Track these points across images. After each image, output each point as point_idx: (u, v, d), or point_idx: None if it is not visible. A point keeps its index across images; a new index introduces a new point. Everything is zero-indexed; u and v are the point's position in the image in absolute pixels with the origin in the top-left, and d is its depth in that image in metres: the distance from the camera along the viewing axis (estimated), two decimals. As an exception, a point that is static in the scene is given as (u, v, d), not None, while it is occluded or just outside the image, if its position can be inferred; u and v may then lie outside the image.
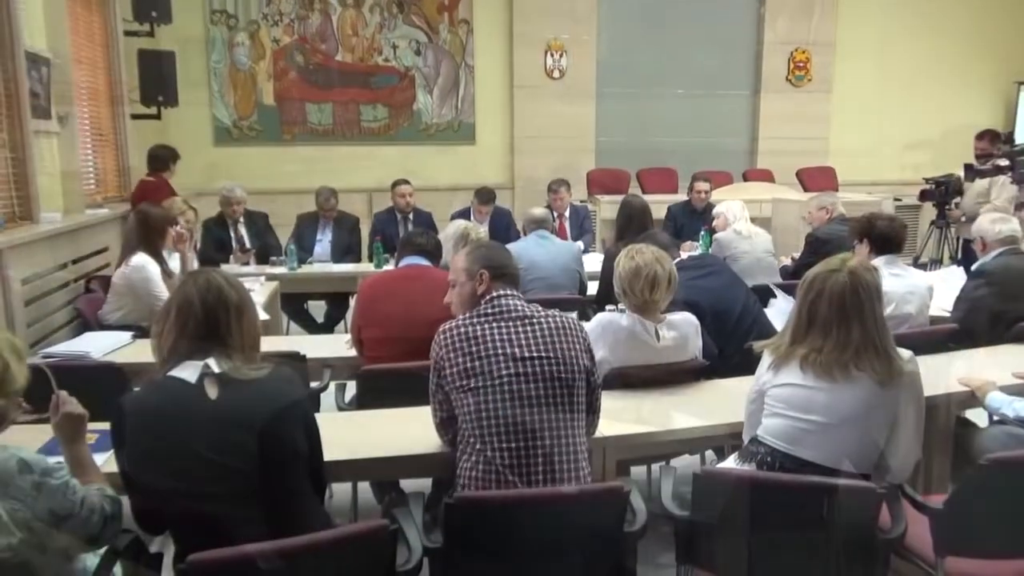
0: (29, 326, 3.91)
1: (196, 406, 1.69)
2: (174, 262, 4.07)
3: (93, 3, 5.86)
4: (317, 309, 5.80)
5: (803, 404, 2.06)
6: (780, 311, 3.45)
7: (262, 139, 7.73)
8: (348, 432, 2.36)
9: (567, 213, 6.12)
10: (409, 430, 2.30)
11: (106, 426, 2.29)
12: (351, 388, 2.97)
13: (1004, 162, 5.78)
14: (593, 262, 4.64)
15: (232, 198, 5.47)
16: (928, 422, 2.21)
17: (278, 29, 7.65)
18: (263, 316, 3.52)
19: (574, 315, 3.85)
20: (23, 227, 4.26)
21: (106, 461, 2.08)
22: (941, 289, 3.64)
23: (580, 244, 5.66)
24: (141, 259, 3.79)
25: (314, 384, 2.99)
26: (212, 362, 1.72)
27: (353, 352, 3.15)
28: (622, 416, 2.44)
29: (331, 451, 1.95)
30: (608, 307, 3.31)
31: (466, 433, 2.01)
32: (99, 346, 3.27)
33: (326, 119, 7.85)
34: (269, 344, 1.91)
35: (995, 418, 2.76)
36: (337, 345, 3.37)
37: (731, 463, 2.23)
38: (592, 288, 4.34)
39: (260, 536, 1.53)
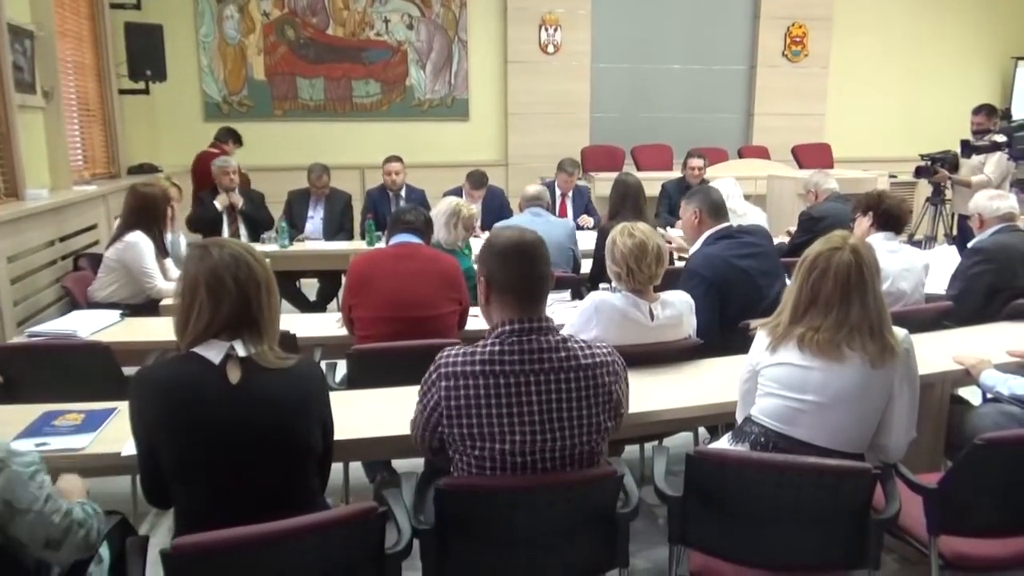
0: (16, 305, 3.87)
1: (215, 388, 1.64)
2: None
3: (78, -25, 5.75)
4: (309, 287, 5.77)
5: (797, 384, 2.04)
6: None
7: (252, 115, 7.63)
8: (339, 412, 2.30)
9: (570, 193, 6.07)
10: (400, 410, 2.26)
11: (93, 406, 2.29)
12: (342, 367, 2.94)
13: (1001, 138, 5.75)
14: (586, 240, 4.61)
15: (227, 168, 5.41)
16: (922, 400, 2.20)
17: (268, 2, 7.53)
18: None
19: (566, 294, 3.83)
20: (8, 204, 4.21)
21: (92, 442, 2.06)
22: (934, 269, 3.62)
23: (576, 221, 5.64)
24: (136, 236, 3.81)
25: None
26: (239, 345, 1.67)
27: (344, 331, 3.12)
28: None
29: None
30: (602, 285, 3.29)
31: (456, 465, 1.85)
32: (87, 325, 3.23)
33: (317, 94, 7.76)
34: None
35: (988, 396, 2.75)
36: (328, 324, 3.34)
37: (724, 443, 2.22)
38: (586, 267, 4.32)
39: (260, 522, 1.50)
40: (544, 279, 1.83)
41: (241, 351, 1.67)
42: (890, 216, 3.38)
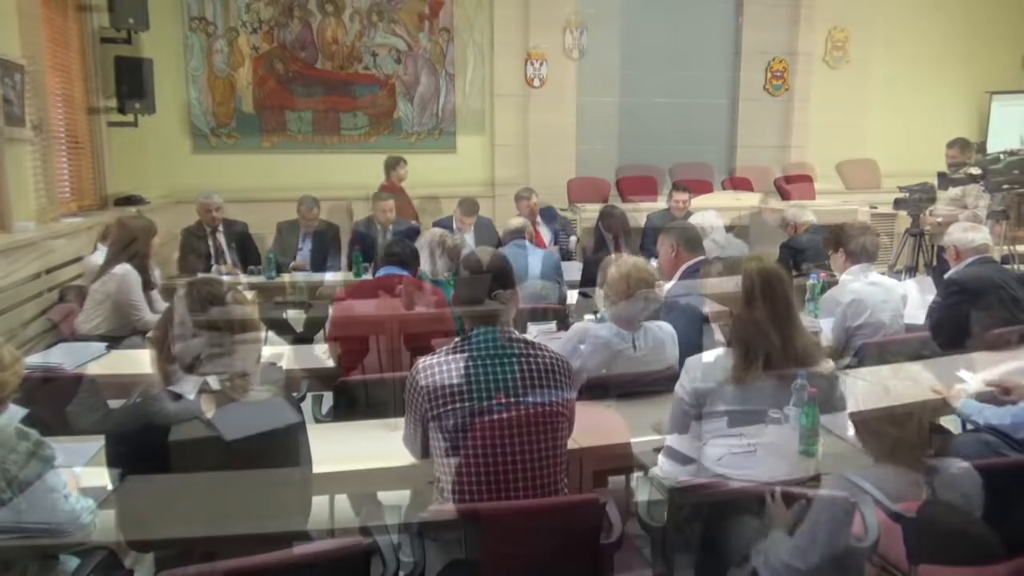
0: (1, 337, 3.85)
1: (189, 422, 1.66)
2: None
3: (69, 10, 5.81)
4: (296, 318, 5.75)
5: (734, 427, 2.05)
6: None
7: (241, 147, 7.67)
8: (325, 444, 2.32)
9: (538, 218, 6.13)
10: (386, 442, 2.29)
11: (80, 440, 2.29)
12: (328, 399, 2.95)
13: (977, 171, 5.86)
14: (572, 271, 4.65)
15: (210, 205, 5.45)
16: (901, 429, 2.23)
17: (257, 36, 7.61)
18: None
19: (551, 324, 3.86)
20: (-4, 236, 4.21)
21: (77, 476, 2.05)
22: (910, 300, 3.67)
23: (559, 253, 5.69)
24: (123, 268, 3.83)
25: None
26: (212, 379, 1.71)
27: (331, 362, 3.13)
28: (599, 426, 2.44)
29: (307, 464, 1.93)
30: (587, 316, 3.33)
31: (440, 476, 1.96)
32: (73, 357, 3.23)
33: (306, 127, 7.82)
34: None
35: (967, 425, 2.78)
36: (315, 355, 3.35)
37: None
38: (572, 298, 4.35)
39: (242, 555, 1.51)
40: (494, 295, 2.07)
41: (215, 385, 1.71)
42: (859, 248, 3.43)
